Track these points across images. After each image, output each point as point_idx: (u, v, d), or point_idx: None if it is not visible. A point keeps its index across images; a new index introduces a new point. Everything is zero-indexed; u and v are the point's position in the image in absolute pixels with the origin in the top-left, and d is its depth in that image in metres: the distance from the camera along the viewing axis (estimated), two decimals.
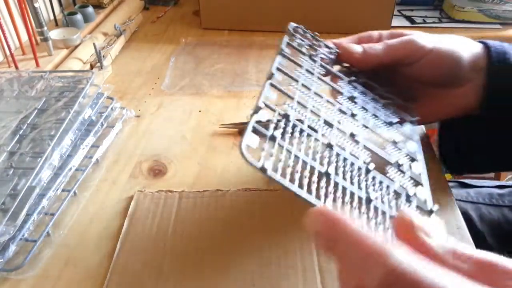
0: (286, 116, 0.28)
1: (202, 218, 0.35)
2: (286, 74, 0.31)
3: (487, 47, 0.36)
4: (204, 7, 0.68)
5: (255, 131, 0.25)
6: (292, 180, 0.24)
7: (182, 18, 0.75)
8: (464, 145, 0.40)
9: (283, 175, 0.23)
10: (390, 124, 0.34)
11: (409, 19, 0.81)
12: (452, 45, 0.36)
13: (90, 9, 0.68)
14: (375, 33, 0.39)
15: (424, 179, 0.30)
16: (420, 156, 0.32)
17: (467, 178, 0.59)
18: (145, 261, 0.32)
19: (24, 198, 0.33)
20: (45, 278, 0.31)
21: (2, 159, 0.37)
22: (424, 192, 0.29)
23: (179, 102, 0.51)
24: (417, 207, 0.28)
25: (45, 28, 0.56)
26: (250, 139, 0.24)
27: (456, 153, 0.41)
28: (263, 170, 0.23)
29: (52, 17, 0.68)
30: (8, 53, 0.54)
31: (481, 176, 0.75)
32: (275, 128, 0.26)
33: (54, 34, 0.60)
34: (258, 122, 0.26)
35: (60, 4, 0.69)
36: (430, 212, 0.28)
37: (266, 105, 0.27)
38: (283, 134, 0.26)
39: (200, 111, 0.50)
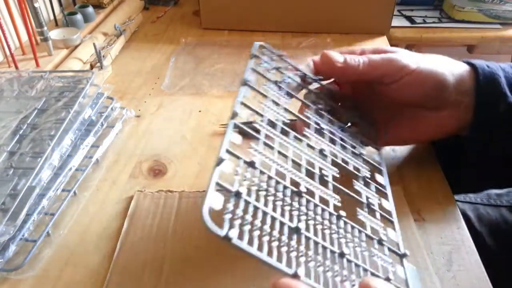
0: (251, 164, 0.25)
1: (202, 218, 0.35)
2: (250, 108, 0.30)
3: (474, 68, 0.35)
4: (204, 7, 0.68)
5: (218, 188, 0.22)
6: (260, 245, 0.22)
7: (182, 18, 0.75)
8: (457, 164, 0.40)
9: (251, 239, 0.22)
10: (358, 155, 0.33)
11: (409, 19, 0.81)
12: (436, 66, 0.34)
13: (90, 9, 0.68)
14: (357, 49, 0.38)
15: (394, 217, 0.31)
16: (388, 189, 0.33)
17: None
18: (145, 261, 0.32)
19: (24, 198, 0.33)
20: (45, 278, 0.31)
21: (2, 159, 0.37)
22: (395, 235, 0.29)
23: (179, 102, 0.51)
24: (390, 250, 0.28)
25: (45, 28, 0.56)
26: (213, 199, 0.22)
27: (450, 172, 0.40)
28: (227, 239, 0.21)
29: (52, 17, 0.68)
30: (8, 53, 0.54)
31: None
32: (240, 181, 0.24)
33: (54, 34, 0.60)
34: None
35: (60, 4, 0.69)
36: (403, 255, 0.29)
37: (230, 153, 0.25)
38: (249, 188, 0.24)
39: (200, 111, 0.50)
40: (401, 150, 0.41)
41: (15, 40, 0.59)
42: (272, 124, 0.30)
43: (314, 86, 0.38)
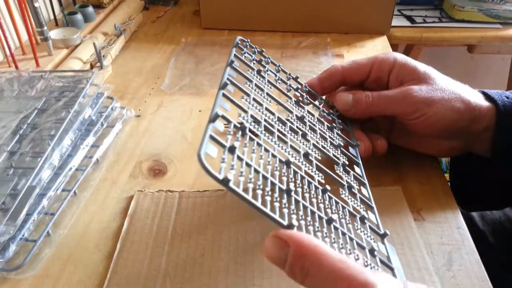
0: (242, 128, 0.26)
1: (202, 218, 0.35)
2: (237, 86, 0.30)
3: (493, 102, 0.34)
4: (204, 7, 0.68)
5: (213, 140, 0.23)
6: (254, 197, 0.22)
7: (182, 18, 0.75)
8: (474, 182, 0.39)
9: (245, 190, 0.22)
10: (337, 147, 0.34)
11: (409, 18, 0.81)
12: (453, 105, 0.33)
13: (90, 9, 0.68)
14: (338, 67, 0.38)
15: (373, 204, 0.31)
16: (366, 180, 0.33)
17: None
18: (145, 260, 0.32)
19: (24, 198, 0.33)
20: (45, 278, 0.31)
21: (2, 159, 0.37)
22: (375, 218, 0.30)
23: (179, 102, 0.51)
24: (371, 229, 0.29)
25: (45, 28, 0.56)
26: (209, 147, 0.22)
27: (466, 189, 0.40)
28: (225, 182, 0.21)
29: (52, 17, 0.68)
30: (8, 53, 0.54)
31: None
32: (232, 140, 0.24)
33: (54, 34, 0.60)
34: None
35: (60, 4, 0.69)
36: (384, 235, 0.29)
37: (223, 116, 0.25)
38: (239, 147, 0.24)
39: (200, 111, 0.50)
40: (401, 149, 0.41)
41: (15, 40, 0.59)
42: (258, 103, 0.30)
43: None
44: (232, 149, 0.23)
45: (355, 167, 0.34)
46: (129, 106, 0.49)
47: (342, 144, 0.34)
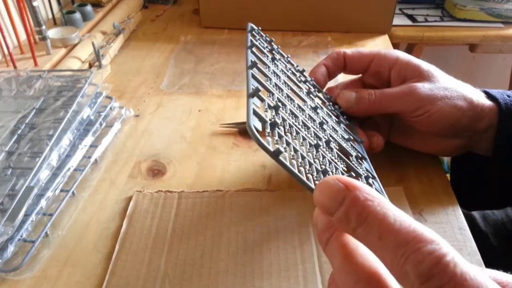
0: (276, 108, 0.26)
1: (201, 218, 0.35)
2: (260, 70, 0.30)
3: (494, 101, 0.34)
4: (204, 5, 0.68)
5: (255, 115, 0.23)
6: (298, 171, 0.23)
7: (182, 16, 0.75)
8: (475, 181, 0.39)
9: (290, 163, 0.23)
10: (347, 140, 0.34)
11: (411, 17, 0.80)
12: (456, 103, 0.33)
13: (88, 8, 0.68)
14: (341, 53, 0.39)
15: (386, 196, 0.31)
16: (375, 175, 0.33)
17: None
18: (144, 261, 0.32)
19: (22, 199, 0.33)
20: (43, 279, 0.31)
21: (0, 159, 0.36)
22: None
23: (179, 101, 0.51)
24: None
25: (44, 27, 0.56)
26: (254, 120, 0.22)
27: (466, 189, 0.39)
28: (276, 154, 0.21)
29: (50, 16, 0.68)
30: (6, 52, 0.54)
31: None
32: (270, 116, 0.25)
33: (53, 33, 0.60)
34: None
35: (59, 3, 0.69)
36: None
37: (258, 93, 0.25)
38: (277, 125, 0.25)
39: (199, 111, 0.49)
40: (403, 150, 0.41)
41: (14, 39, 0.59)
42: (279, 89, 0.30)
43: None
44: (273, 125, 0.24)
45: (364, 161, 0.34)
46: (128, 105, 0.49)
47: (351, 137, 0.35)
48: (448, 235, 0.33)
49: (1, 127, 0.39)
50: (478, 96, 0.34)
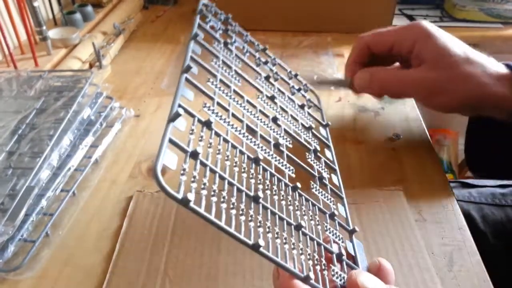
0: (207, 124, 0.23)
1: (201, 219, 0.35)
2: (203, 67, 0.27)
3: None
4: None
5: (172, 145, 0.20)
6: (218, 212, 0.20)
7: (182, 17, 0.75)
8: (489, 148, 0.40)
9: (208, 205, 0.20)
10: (309, 129, 0.33)
11: (410, 18, 0.81)
12: (476, 70, 0.35)
13: (89, 8, 0.68)
14: (362, 43, 0.40)
15: (343, 193, 0.31)
16: (336, 165, 0.33)
17: (469, 178, 0.59)
18: (144, 261, 0.32)
19: (23, 198, 0.33)
20: (44, 279, 0.31)
21: (1, 159, 0.36)
22: (344, 211, 0.30)
23: None
24: (340, 225, 0.28)
25: (44, 27, 0.56)
26: (167, 157, 0.19)
27: (480, 154, 0.40)
28: (184, 202, 0.19)
29: (51, 16, 0.68)
30: (7, 52, 0.54)
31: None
32: (195, 141, 0.21)
33: (53, 33, 0.60)
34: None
35: (59, 3, 0.69)
36: (353, 231, 0.29)
37: (185, 110, 0.22)
38: (204, 147, 0.22)
39: (199, 111, 0.49)
40: (402, 150, 0.41)
41: (14, 40, 0.59)
42: (225, 85, 0.28)
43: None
44: (194, 155, 0.21)
45: (326, 150, 0.33)
46: (128, 106, 0.49)
47: (313, 126, 0.33)
48: (447, 235, 0.33)
49: (2, 127, 0.40)
50: (497, 67, 0.36)
